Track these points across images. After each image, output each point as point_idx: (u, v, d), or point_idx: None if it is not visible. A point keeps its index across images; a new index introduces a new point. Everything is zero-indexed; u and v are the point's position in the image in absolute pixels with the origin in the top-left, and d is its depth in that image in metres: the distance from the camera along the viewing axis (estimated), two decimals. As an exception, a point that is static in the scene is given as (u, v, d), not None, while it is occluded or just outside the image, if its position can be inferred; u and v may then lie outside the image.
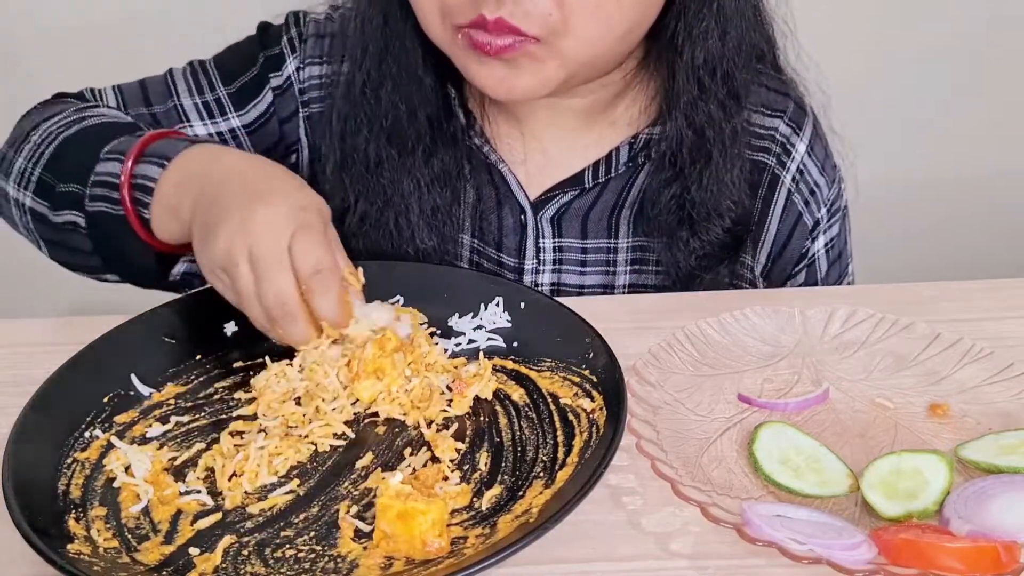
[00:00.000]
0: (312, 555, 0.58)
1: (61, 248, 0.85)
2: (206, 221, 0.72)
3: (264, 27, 0.99)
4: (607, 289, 0.95)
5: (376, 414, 0.71)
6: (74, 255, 0.85)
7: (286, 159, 0.98)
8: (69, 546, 0.57)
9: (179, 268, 0.86)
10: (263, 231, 0.69)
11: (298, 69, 0.96)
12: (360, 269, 0.74)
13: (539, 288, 0.94)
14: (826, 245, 0.99)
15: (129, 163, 0.79)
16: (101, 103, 0.95)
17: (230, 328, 0.78)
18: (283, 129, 0.97)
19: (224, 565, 0.57)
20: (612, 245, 0.94)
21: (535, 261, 0.94)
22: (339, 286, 0.71)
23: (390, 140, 0.90)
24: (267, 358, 0.74)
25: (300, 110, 0.97)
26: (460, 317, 0.80)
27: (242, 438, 0.68)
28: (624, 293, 0.95)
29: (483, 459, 0.66)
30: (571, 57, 0.80)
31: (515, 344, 0.77)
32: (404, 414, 0.70)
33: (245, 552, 0.58)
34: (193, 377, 0.75)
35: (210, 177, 0.75)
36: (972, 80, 1.67)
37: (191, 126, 0.94)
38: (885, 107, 1.66)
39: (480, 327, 0.79)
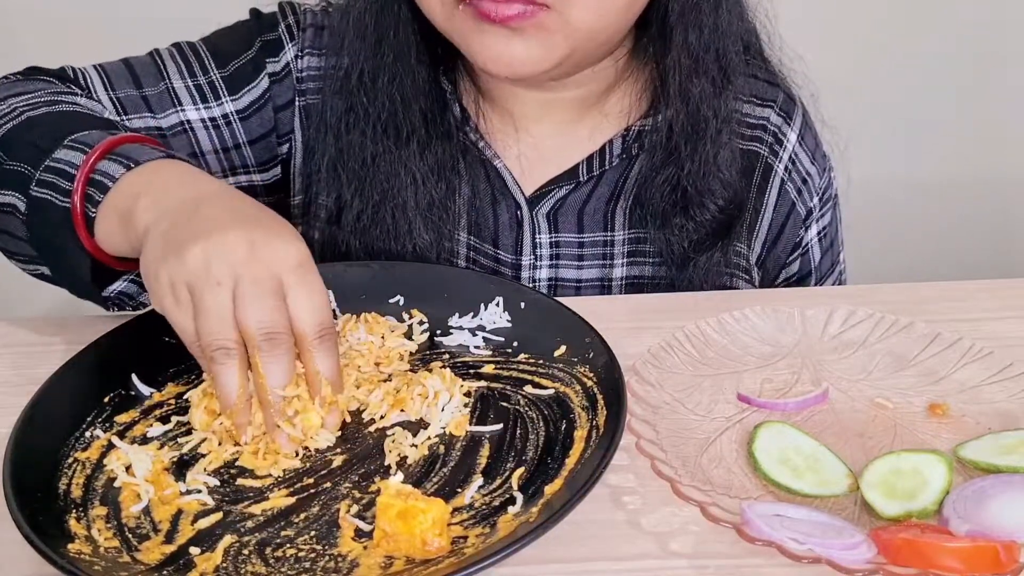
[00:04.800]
0: (313, 554, 0.58)
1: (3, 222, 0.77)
2: (176, 235, 0.64)
3: (257, 13, 0.97)
4: (604, 282, 0.95)
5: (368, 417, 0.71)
6: (8, 241, 0.78)
7: (278, 149, 0.97)
8: (70, 546, 0.57)
9: (116, 286, 0.79)
10: (267, 258, 0.63)
11: (296, 57, 0.94)
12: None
13: (536, 283, 0.94)
14: (819, 234, 1.00)
15: (94, 157, 0.71)
16: (81, 83, 0.89)
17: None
18: (277, 117, 0.95)
19: (225, 564, 0.57)
20: (608, 238, 0.94)
21: (532, 256, 0.94)
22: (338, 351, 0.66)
23: (386, 132, 0.89)
24: None
25: (297, 99, 0.95)
26: (460, 317, 0.80)
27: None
28: (621, 285, 0.95)
29: (483, 459, 0.66)
30: (577, 26, 0.79)
31: (515, 344, 0.77)
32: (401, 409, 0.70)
33: (246, 551, 0.58)
34: (193, 377, 0.75)
35: (184, 196, 0.68)
36: (973, 80, 1.67)
37: (183, 110, 0.91)
38: (883, 107, 1.66)
39: (480, 327, 0.79)
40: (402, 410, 0.70)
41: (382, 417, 0.70)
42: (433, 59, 0.90)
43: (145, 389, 0.73)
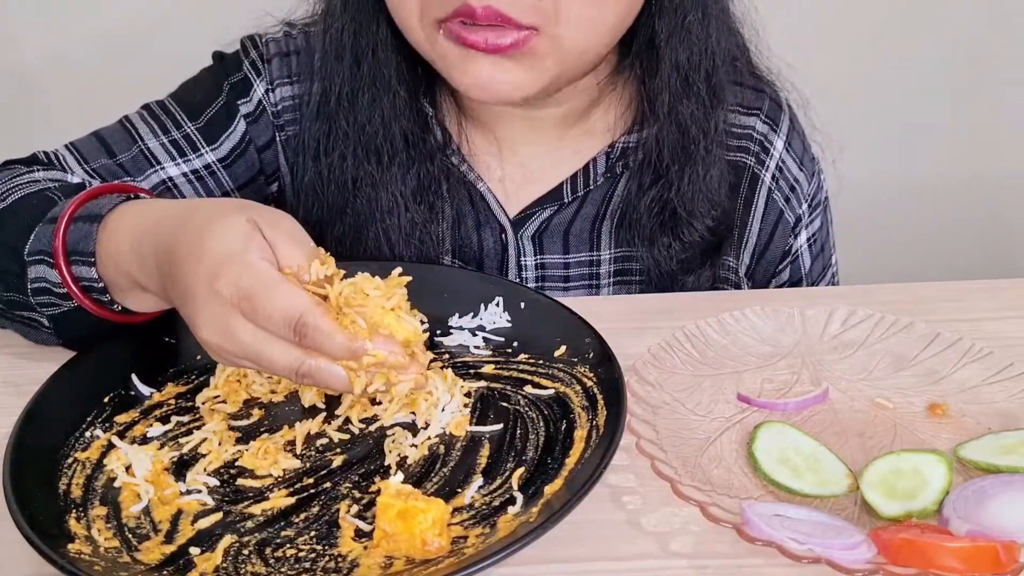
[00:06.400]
0: (313, 554, 0.58)
1: (30, 334, 0.78)
2: (191, 320, 0.64)
3: (219, 56, 0.95)
4: None
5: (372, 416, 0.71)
6: (44, 340, 0.77)
7: (267, 188, 0.95)
8: (70, 546, 0.57)
9: None
10: (240, 275, 0.61)
11: (267, 92, 0.92)
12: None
13: None
14: (809, 240, 0.99)
15: (63, 268, 0.70)
16: (56, 165, 0.87)
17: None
18: (262, 158, 0.93)
19: (225, 565, 0.57)
20: (594, 258, 0.94)
21: (517, 280, 0.93)
22: (332, 321, 0.62)
23: (367, 154, 0.87)
24: None
25: (277, 135, 0.93)
26: (460, 317, 0.80)
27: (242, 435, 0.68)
28: None
29: (483, 459, 0.66)
30: (566, 48, 0.77)
31: (515, 344, 0.77)
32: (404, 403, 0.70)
33: (246, 552, 0.58)
34: (193, 377, 0.75)
35: (155, 260, 0.66)
36: (967, 83, 1.68)
37: (162, 168, 0.89)
38: (878, 110, 1.67)
39: (480, 327, 0.79)
40: (412, 412, 0.70)
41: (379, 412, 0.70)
42: (414, 79, 0.88)
43: (145, 389, 0.73)
